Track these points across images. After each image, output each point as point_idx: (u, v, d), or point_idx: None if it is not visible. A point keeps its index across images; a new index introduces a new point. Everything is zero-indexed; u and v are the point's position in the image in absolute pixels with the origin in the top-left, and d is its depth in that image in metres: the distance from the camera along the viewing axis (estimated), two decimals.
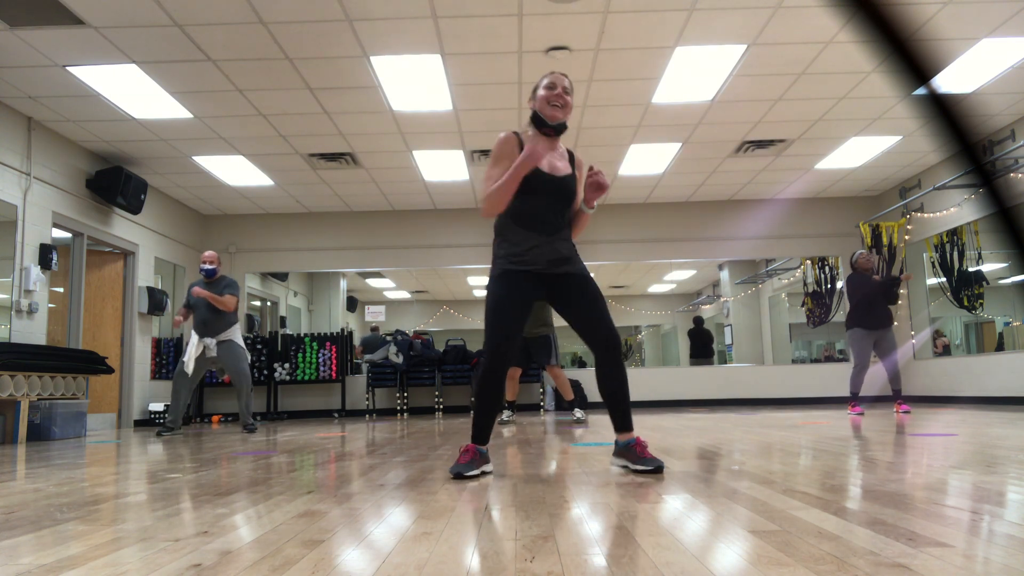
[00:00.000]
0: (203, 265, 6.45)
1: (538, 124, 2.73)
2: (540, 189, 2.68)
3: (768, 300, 13.93)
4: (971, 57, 5.82)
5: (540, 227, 2.68)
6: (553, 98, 2.67)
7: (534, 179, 2.67)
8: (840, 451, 3.25)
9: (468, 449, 2.68)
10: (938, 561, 1.24)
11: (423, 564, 1.34)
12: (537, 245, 2.68)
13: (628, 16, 5.14)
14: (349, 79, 6.01)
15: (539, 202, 2.68)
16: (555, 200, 2.70)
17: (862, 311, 6.51)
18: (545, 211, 2.69)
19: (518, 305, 2.68)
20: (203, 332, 6.34)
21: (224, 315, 6.39)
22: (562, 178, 2.71)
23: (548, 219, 2.69)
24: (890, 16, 0.51)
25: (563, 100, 2.68)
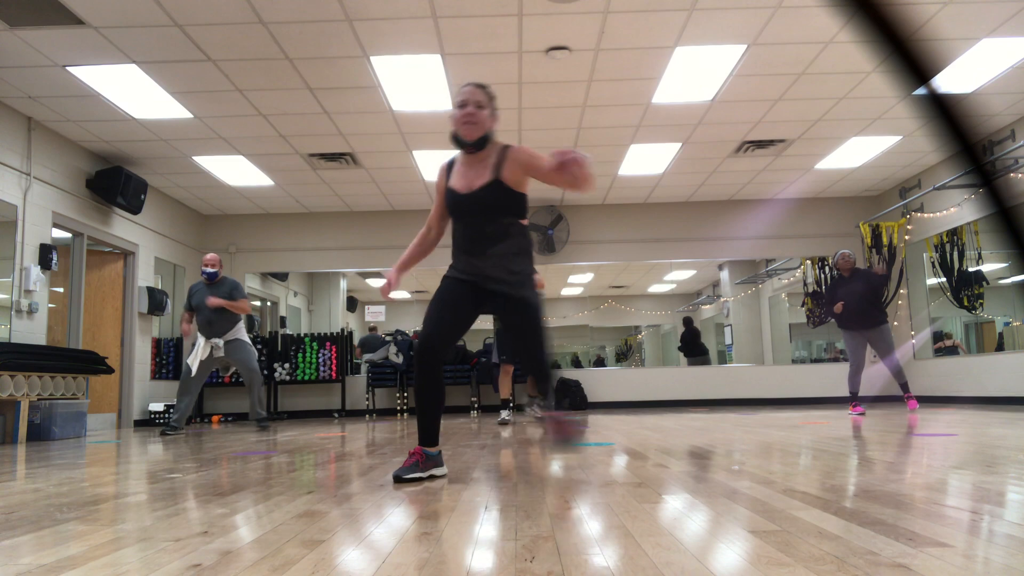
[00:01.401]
0: (205, 268, 6.47)
1: (457, 144, 2.72)
2: (455, 211, 2.71)
3: (768, 300, 13.92)
4: (971, 57, 5.82)
5: (466, 247, 2.69)
6: (462, 118, 2.65)
7: (449, 202, 2.73)
8: (840, 451, 3.25)
9: (414, 452, 2.64)
10: (938, 561, 1.24)
11: (423, 564, 1.34)
12: (469, 263, 2.69)
13: (628, 16, 5.14)
14: (349, 79, 6.01)
15: (458, 224, 2.72)
16: (472, 217, 2.67)
17: (843, 313, 6.54)
18: (464, 231, 2.70)
19: (449, 306, 2.68)
20: (209, 333, 6.38)
21: (229, 315, 6.42)
22: (473, 193, 2.67)
23: (470, 238, 2.68)
24: (890, 16, 0.51)
25: (472, 118, 2.65)
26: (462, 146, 2.70)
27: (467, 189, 2.68)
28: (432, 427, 2.66)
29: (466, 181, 2.70)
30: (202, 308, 6.38)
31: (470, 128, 2.66)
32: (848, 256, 6.68)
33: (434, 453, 2.66)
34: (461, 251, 2.72)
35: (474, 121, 2.65)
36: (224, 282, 6.50)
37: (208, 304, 6.35)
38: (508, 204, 2.67)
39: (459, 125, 2.67)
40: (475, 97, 2.68)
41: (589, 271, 14.97)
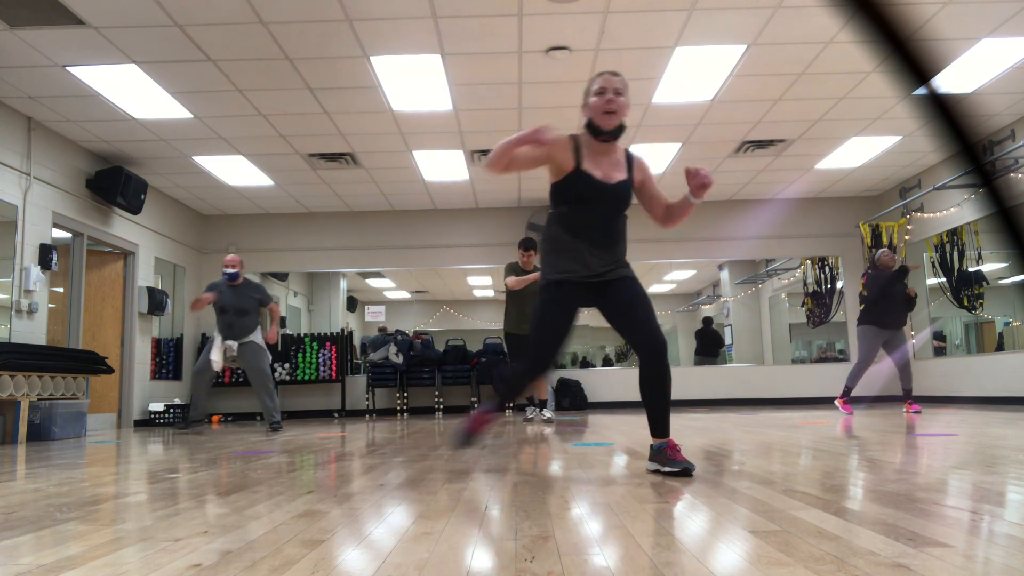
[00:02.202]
0: (226, 269, 6.48)
1: (593, 133, 2.66)
2: (592, 198, 2.64)
3: (768, 300, 13.92)
4: (971, 57, 5.82)
5: (590, 236, 2.65)
6: (604, 104, 2.61)
7: (586, 187, 2.64)
8: (840, 451, 3.25)
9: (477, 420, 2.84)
10: (938, 561, 1.24)
11: (423, 564, 1.34)
12: (588, 252, 2.65)
13: (628, 16, 5.14)
14: (349, 79, 6.01)
15: (590, 211, 2.65)
16: (607, 209, 2.66)
17: (880, 308, 6.43)
18: (595, 220, 2.65)
19: (562, 316, 2.68)
20: (228, 335, 6.42)
21: (251, 319, 6.48)
22: (614, 186, 2.66)
23: (598, 228, 2.65)
24: (890, 16, 0.51)
25: (615, 104, 2.61)
26: (599, 134, 2.65)
27: (607, 180, 2.65)
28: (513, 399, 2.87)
29: (604, 171, 2.67)
30: (226, 309, 6.41)
31: (611, 117, 2.62)
32: (891, 255, 6.63)
33: None
34: (583, 240, 2.65)
35: (616, 109, 2.62)
36: (247, 285, 6.54)
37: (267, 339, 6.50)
38: (629, 205, 2.74)
39: (598, 113, 2.62)
40: (614, 84, 2.64)
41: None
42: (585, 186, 2.64)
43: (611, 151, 2.71)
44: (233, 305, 6.40)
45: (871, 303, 6.51)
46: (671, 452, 2.56)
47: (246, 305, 6.45)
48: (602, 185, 2.64)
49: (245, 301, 6.44)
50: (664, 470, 2.54)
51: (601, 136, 2.65)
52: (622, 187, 2.67)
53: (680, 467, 2.48)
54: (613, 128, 2.64)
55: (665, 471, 2.53)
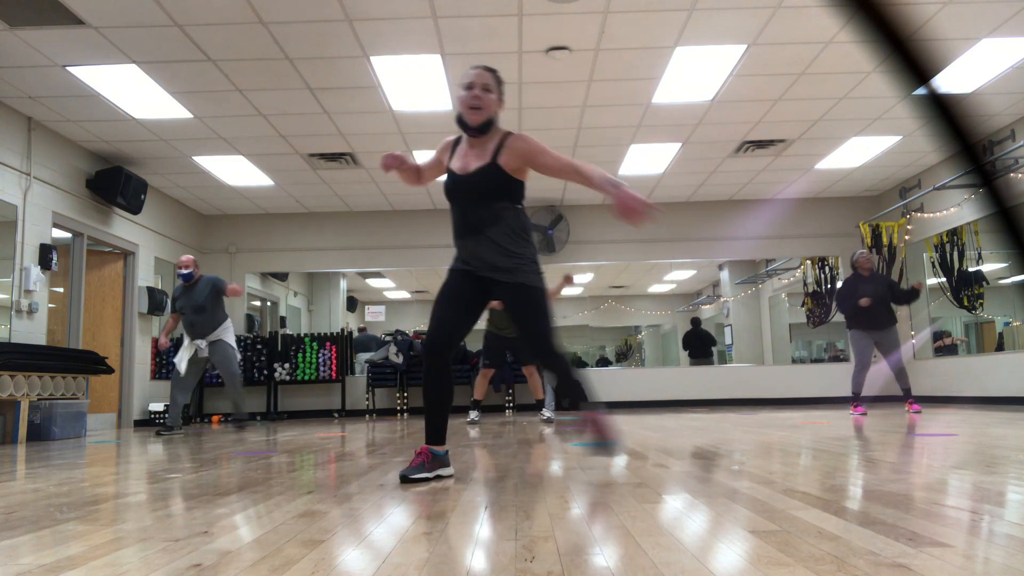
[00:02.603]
0: (180, 270, 6.51)
1: (461, 127, 2.69)
2: (450, 193, 2.69)
3: (768, 300, 13.92)
4: (971, 57, 5.82)
5: (460, 231, 2.66)
6: (468, 100, 2.62)
7: (448, 182, 2.71)
8: (840, 451, 3.25)
9: (421, 452, 2.59)
10: (938, 561, 1.24)
11: (423, 564, 1.34)
12: (464, 248, 2.67)
13: (628, 16, 5.14)
14: (349, 79, 6.01)
15: (453, 206, 2.70)
16: (465, 200, 2.64)
17: (859, 313, 6.47)
18: (459, 214, 2.66)
19: (453, 301, 2.65)
20: (193, 334, 6.44)
21: (213, 315, 6.46)
22: (469, 175, 2.63)
23: (463, 222, 2.65)
24: (890, 16, 0.51)
25: (477, 101, 2.62)
26: (466, 129, 2.66)
27: (463, 172, 2.66)
28: (439, 426, 2.62)
29: (464, 163, 2.68)
30: (185, 310, 6.44)
31: (475, 112, 2.62)
32: (868, 256, 6.66)
33: (441, 453, 2.61)
34: (457, 236, 2.69)
35: (479, 105, 2.61)
36: (201, 280, 6.52)
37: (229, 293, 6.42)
38: (502, 188, 2.62)
39: (464, 108, 2.63)
40: (482, 80, 2.65)
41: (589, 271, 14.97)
42: (448, 182, 2.71)
43: (485, 142, 2.67)
44: (188, 304, 6.41)
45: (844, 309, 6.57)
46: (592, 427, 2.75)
47: (200, 301, 6.41)
48: (457, 178, 2.67)
49: (199, 297, 6.41)
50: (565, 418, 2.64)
51: (468, 131, 2.67)
52: (478, 175, 2.62)
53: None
54: (478, 124, 2.63)
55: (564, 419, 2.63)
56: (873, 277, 6.58)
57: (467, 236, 2.63)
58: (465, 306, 2.66)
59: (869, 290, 6.43)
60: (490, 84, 2.65)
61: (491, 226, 2.59)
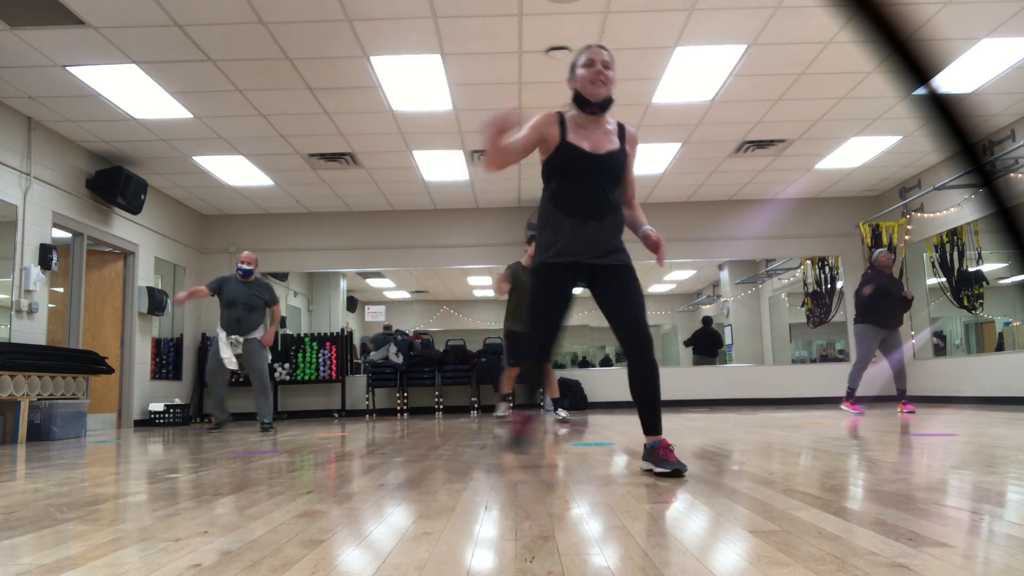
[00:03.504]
0: (242, 265, 6.46)
1: (580, 104, 2.62)
2: (581, 169, 2.59)
3: (768, 300, 13.92)
4: (971, 57, 5.82)
5: (582, 210, 2.58)
6: (592, 75, 2.57)
7: (574, 159, 2.59)
8: (840, 451, 3.25)
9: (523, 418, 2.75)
10: (938, 561, 1.24)
11: (423, 564, 1.34)
12: (580, 231, 2.59)
13: (628, 16, 5.14)
14: (349, 79, 6.01)
15: (581, 184, 2.60)
16: (601, 179, 2.59)
17: (876, 307, 6.47)
18: (587, 193, 2.58)
19: (557, 301, 2.65)
20: (235, 330, 6.37)
21: (259, 315, 6.46)
22: (605, 155, 2.60)
23: (590, 201, 2.58)
24: (890, 16, 0.51)
25: (604, 76, 2.58)
26: (586, 106, 2.61)
27: (596, 150, 2.60)
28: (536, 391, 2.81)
29: (593, 142, 2.61)
30: (234, 304, 6.37)
31: (599, 87, 2.58)
32: (890, 255, 6.70)
33: None
34: (574, 215, 2.58)
35: (605, 80, 2.58)
36: (259, 283, 6.53)
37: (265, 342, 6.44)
38: (624, 175, 2.67)
39: (586, 83, 2.58)
40: (602, 56, 2.61)
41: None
42: (572, 159, 2.60)
43: (601, 123, 2.66)
44: (245, 300, 6.37)
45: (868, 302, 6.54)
46: (663, 452, 2.54)
47: (256, 302, 6.44)
48: (590, 156, 2.60)
49: (256, 299, 6.44)
50: (656, 470, 2.52)
51: (589, 108, 2.61)
52: (614, 157, 2.62)
53: (671, 468, 2.46)
54: (602, 99, 2.60)
55: (657, 471, 2.52)
56: (891, 277, 6.67)
57: (595, 218, 2.58)
58: (566, 306, 2.69)
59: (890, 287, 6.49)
60: (608, 61, 2.62)
61: (615, 209, 2.64)
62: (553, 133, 2.63)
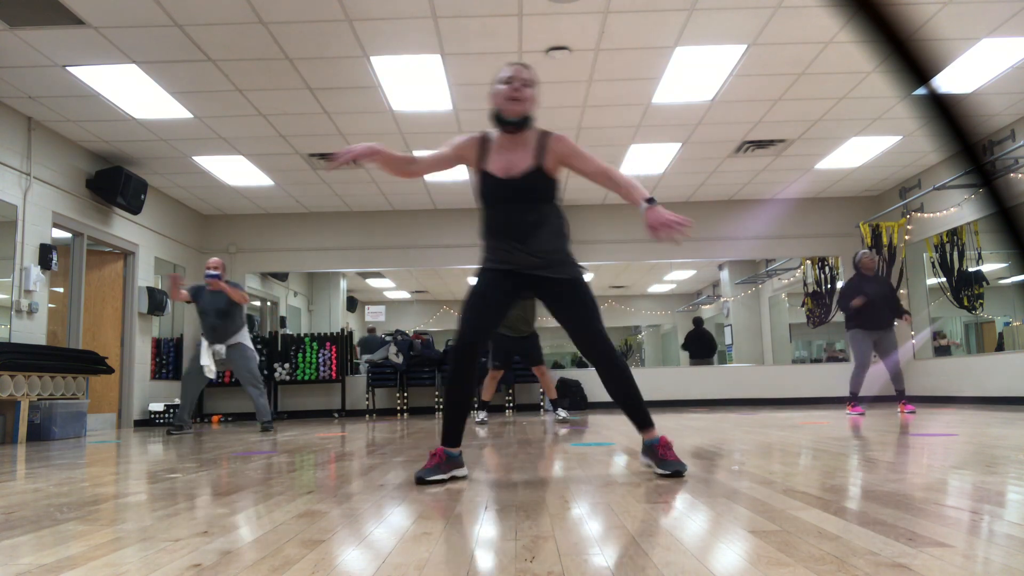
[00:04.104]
0: (208, 271, 6.42)
1: (497, 122, 2.61)
2: (492, 196, 2.60)
3: (768, 300, 13.92)
4: (971, 57, 5.82)
5: (502, 233, 2.58)
6: (510, 92, 2.55)
7: (486, 187, 2.61)
8: (840, 451, 3.25)
9: (436, 453, 2.56)
10: (938, 561, 1.24)
11: (423, 564, 1.34)
12: (509, 250, 2.58)
13: (628, 16, 5.14)
14: (349, 79, 6.01)
15: (497, 210, 2.59)
16: (512, 204, 2.57)
17: (864, 312, 6.49)
18: (502, 217, 2.58)
19: (492, 304, 2.59)
20: (213, 339, 6.31)
21: (233, 320, 6.35)
22: (517, 179, 2.57)
23: (506, 225, 2.57)
24: (890, 16, 0.51)
25: (521, 94, 2.54)
26: (503, 124, 2.60)
27: (506, 174, 2.58)
28: (458, 428, 2.60)
29: (504, 165, 2.59)
30: (207, 313, 6.28)
31: (516, 104, 2.55)
32: (873, 256, 6.69)
33: (456, 454, 2.59)
34: (499, 237, 2.59)
35: (521, 98, 2.55)
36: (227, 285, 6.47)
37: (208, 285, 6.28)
38: (547, 191, 2.61)
39: (503, 101, 2.57)
40: (522, 75, 2.59)
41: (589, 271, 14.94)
42: (485, 186, 2.62)
43: (522, 141, 2.61)
44: (214, 308, 6.27)
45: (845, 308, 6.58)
46: (663, 451, 2.53)
47: (224, 305, 6.29)
48: (500, 182, 2.58)
49: (223, 302, 6.30)
50: (657, 471, 2.52)
51: (505, 126, 2.60)
52: (527, 178, 2.57)
53: (672, 469, 2.46)
54: (517, 117, 2.57)
55: (658, 472, 2.51)
56: (876, 278, 6.64)
57: (511, 239, 2.56)
58: (496, 308, 2.62)
59: (873, 290, 6.47)
60: (528, 80, 2.60)
61: (537, 229, 2.56)
62: (470, 157, 2.68)
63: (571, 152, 2.63)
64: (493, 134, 2.68)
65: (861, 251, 6.79)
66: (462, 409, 2.60)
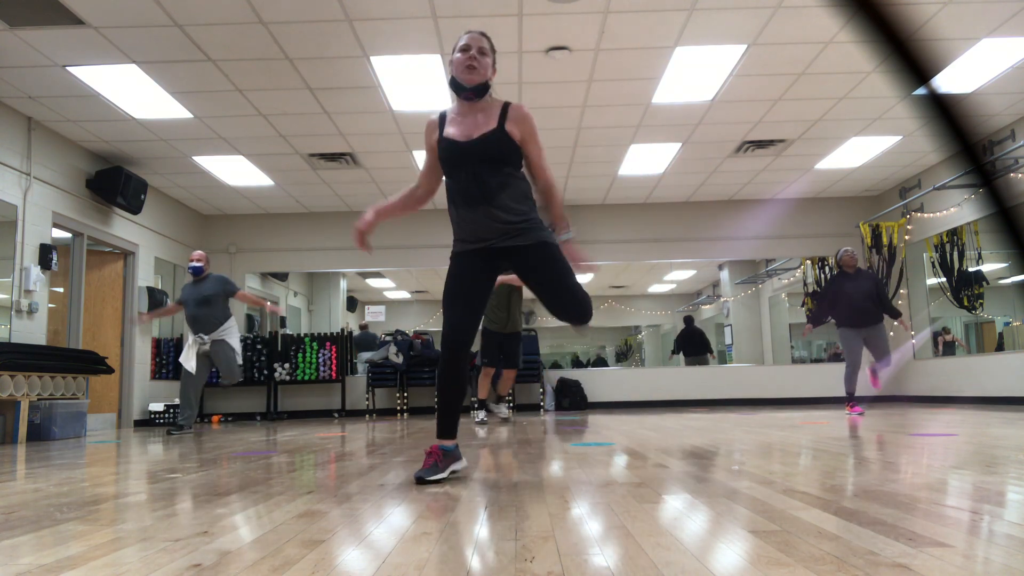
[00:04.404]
0: (191, 263, 6.47)
1: (455, 89, 2.59)
2: (455, 161, 2.57)
3: (768, 300, 13.92)
4: (971, 57, 5.82)
5: (469, 200, 2.53)
6: (466, 59, 2.54)
7: (448, 151, 2.57)
8: (840, 451, 3.25)
9: (432, 451, 2.55)
10: (938, 561, 1.24)
11: (423, 564, 1.34)
12: (473, 220, 2.55)
13: (628, 16, 5.14)
14: (349, 79, 6.01)
15: (458, 174, 2.56)
16: (474, 166, 2.52)
17: (846, 310, 6.48)
18: (466, 181, 2.53)
19: (466, 292, 2.59)
20: (195, 328, 6.36)
21: (214, 312, 6.37)
22: (477, 140, 2.54)
23: (474, 189, 2.52)
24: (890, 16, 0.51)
25: (474, 62, 2.53)
26: (460, 91, 2.59)
27: (467, 138, 2.56)
28: (452, 421, 2.60)
29: (465, 130, 2.57)
30: (188, 303, 6.38)
31: (471, 72, 2.55)
32: (852, 253, 6.68)
33: (451, 447, 2.58)
34: (462, 205, 2.56)
35: (476, 66, 2.55)
36: (210, 277, 6.48)
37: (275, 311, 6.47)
38: (510, 154, 2.57)
39: (460, 69, 2.56)
40: (478, 43, 2.59)
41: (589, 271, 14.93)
42: (446, 151, 2.57)
43: (480, 109, 2.60)
44: (194, 297, 6.34)
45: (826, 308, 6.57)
46: None
47: (205, 294, 6.34)
48: (460, 144, 2.56)
49: (206, 290, 6.35)
50: None
51: (463, 92, 2.59)
52: (488, 139, 2.54)
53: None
54: (474, 85, 2.56)
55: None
56: (858, 274, 6.61)
57: (476, 204, 2.52)
58: (477, 295, 2.60)
59: (853, 287, 6.46)
60: (485, 48, 2.60)
61: (501, 191, 2.53)
62: (433, 137, 2.66)
63: (531, 125, 2.61)
64: (449, 109, 2.69)
65: (843, 249, 6.78)
66: (457, 402, 2.61)
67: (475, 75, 2.55)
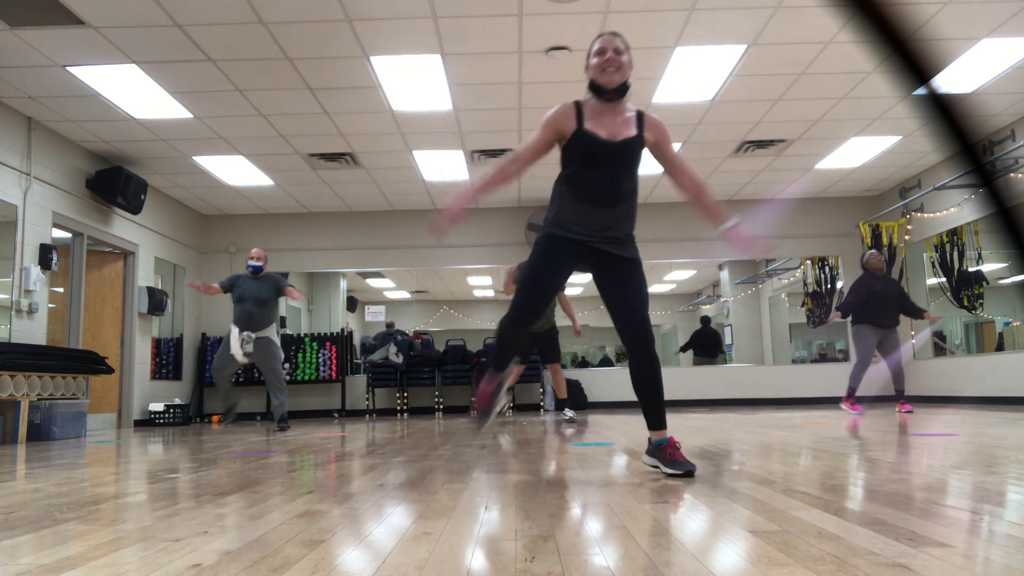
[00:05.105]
0: (251, 261, 6.51)
1: (597, 92, 2.62)
2: (595, 158, 2.60)
3: (768, 300, 13.92)
4: (971, 57, 5.82)
5: (595, 197, 2.58)
6: (604, 63, 2.58)
7: (590, 147, 2.60)
8: (840, 451, 3.25)
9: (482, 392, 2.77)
10: (938, 561, 1.24)
11: (423, 564, 1.34)
12: (592, 215, 2.59)
13: (628, 16, 5.14)
14: (349, 79, 6.01)
15: (596, 171, 2.59)
16: (614, 167, 2.59)
17: (873, 309, 6.50)
18: (601, 180, 2.58)
19: (555, 271, 2.66)
20: (246, 326, 6.37)
21: (270, 311, 6.46)
22: (620, 143, 2.60)
23: (602, 189, 2.58)
24: (890, 16, 0.51)
25: (616, 62, 2.57)
26: (602, 93, 2.61)
27: (612, 137, 2.60)
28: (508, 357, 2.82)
29: (609, 129, 2.61)
30: (244, 299, 6.39)
31: (613, 74, 2.58)
32: (880, 256, 6.73)
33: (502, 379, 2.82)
34: (586, 202, 2.58)
35: (618, 66, 2.59)
36: (269, 277, 6.54)
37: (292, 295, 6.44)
38: (639, 164, 2.68)
39: (599, 72, 2.59)
40: (612, 44, 2.62)
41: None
42: (588, 146, 2.61)
43: (618, 110, 2.65)
44: (254, 295, 6.39)
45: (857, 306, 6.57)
46: (672, 452, 2.53)
47: (266, 296, 6.44)
48: (606, 144, 2.60)
49: (265, 292, 6.45)
50: (666, 471, 2.51)
51: (605, 95, 2.61)
52: (629, 144, 2.62)
53: (683, 469, 2.45)
54: (616, 85, 2.61)
55: (667, 472, 2.50)
56: (885, 277, 6.67)
57: (608, 205, 2.58)
58: (563, 276, 2.70)
59: (883, 287, 6.51)
60: (620, 47, 2.63)
61: (630, 197, 2.65)
62: (568, 125, 2.65)
63: (667, 134, 2.75)
64: (586, 102, 2.69)
65: (869, 251, 6.83)
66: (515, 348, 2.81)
67: (616, 76, 2.60)
